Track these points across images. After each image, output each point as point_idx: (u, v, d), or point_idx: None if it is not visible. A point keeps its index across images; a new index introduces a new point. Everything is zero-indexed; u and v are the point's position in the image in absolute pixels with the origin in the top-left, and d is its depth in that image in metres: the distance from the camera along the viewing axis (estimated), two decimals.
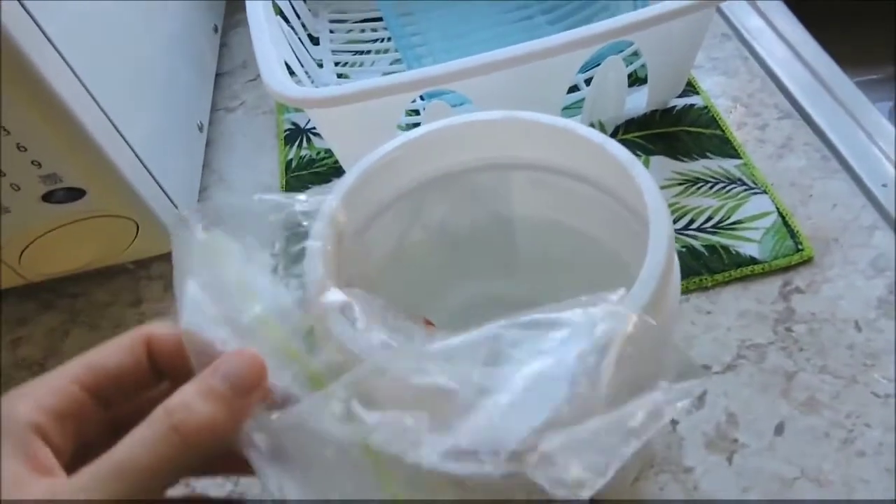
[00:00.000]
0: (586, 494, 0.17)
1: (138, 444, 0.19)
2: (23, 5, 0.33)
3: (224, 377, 0.20)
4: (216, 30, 0.62)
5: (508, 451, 0.17)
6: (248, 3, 0.46)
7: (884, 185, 0.44)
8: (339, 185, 0.26)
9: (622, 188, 0.25)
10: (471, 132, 0.28)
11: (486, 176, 0.30)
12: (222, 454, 0.20)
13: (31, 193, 0.38)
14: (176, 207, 0.45)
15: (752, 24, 0.56)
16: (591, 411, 0.18)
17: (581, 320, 0.20)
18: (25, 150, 0.36)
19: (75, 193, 0.39)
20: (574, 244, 0.31)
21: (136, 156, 0.41)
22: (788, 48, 0.53)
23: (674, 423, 0.37)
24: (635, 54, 0.52)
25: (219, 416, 0.20)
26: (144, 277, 0.48)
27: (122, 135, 0.40)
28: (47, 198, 0.39)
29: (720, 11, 0.57)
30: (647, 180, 0.24)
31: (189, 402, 0.20)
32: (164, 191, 0.44)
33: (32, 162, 0.37)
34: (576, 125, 0.27)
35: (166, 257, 0.47)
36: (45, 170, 0.38)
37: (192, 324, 0.21)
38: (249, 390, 0.20)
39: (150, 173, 0.42)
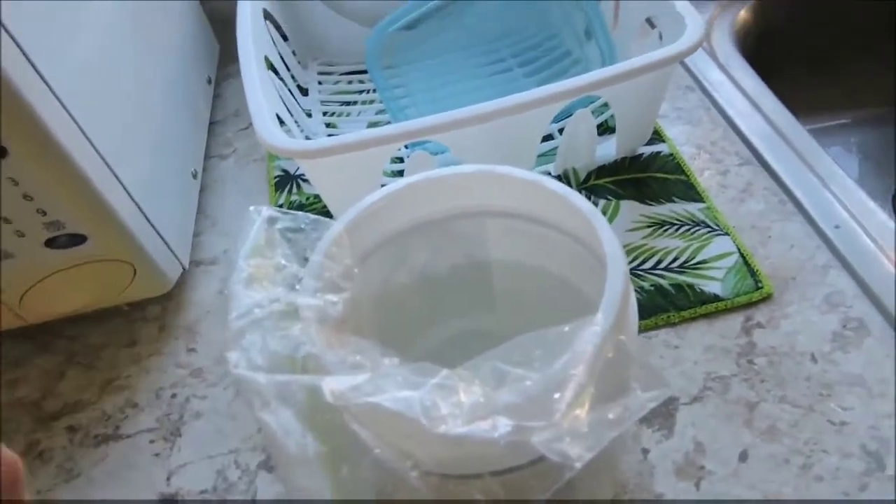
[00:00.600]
0: (578, 465, 0.20)
1: None
2: (27, 58, 0.35)
3: None
4: (209, 81, 0.65)
5: (515, 425, 0.20)
6: (241, 60, 0.49)
7: (836, 227, 0.47)
8: (327, 237, 0.28)
9: (585, 234, 0.28)
10: (450, 184, 0.31)
11: (464, 223, 0.33)
12: None
13: (35, 240, 0.41)
14: (171, 252, 0.47)
15: (713, 77, 0.60)
16: (575, 410, 0.21)
17: (561, 338, 0.23)
18: (32, 199, 0.39)
19: (77, 239, 0.41)
20: (544, 284, 0.34)
21: (135, 203, 0.43)
22: (747, 99, 0.57)
23: (645, 451, 0.39)
24: (605, 105, 0.56)
25: None
26: (139, 319, 0.50)
27: (121, 183, 0.42)
28: (50, 243, 0.41)
29: (684, 66, 0.61)
30: (604, 227, 0.27)
31: None
32: (160, 236, 0.46)
33: (37, 210, 0.39)
34: (544, 179, 0.29)
35: (161, 300, 0.50)
36: (49, 217, 0.40)
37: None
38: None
39: (148, 220, 0.45)
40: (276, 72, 0.56)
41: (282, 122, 0.49)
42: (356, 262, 0.29)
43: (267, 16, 0.58)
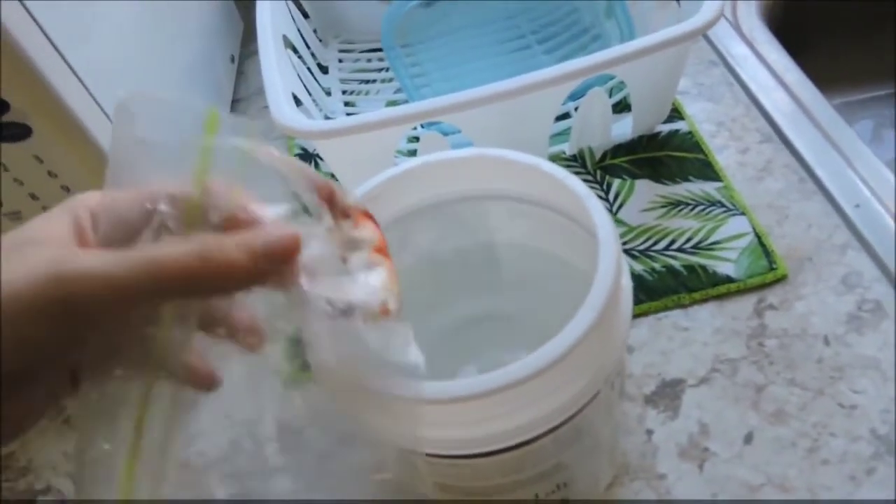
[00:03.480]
0: None
1: (165, 248, 0.21)
2: (49, 40, 0.36)
3: (264, 241, 0.22)
4: (233, 59, 0.66)
5: None
6: (259, 39, 0.50)
7: (857, 206, 0.46)
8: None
9: (581, 215, 0.28)
10: (448, 169, 0.31)
11: (465, 206, 0.33)
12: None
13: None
14: None
15: (737, 51, 0.58)
16: None
17: None
18: (56, 176, 0.40)
19: None
20: (546, 264, 0.34)
21: None
22: (771, 74, 0.56)
23: (649, 433, 0.40)
24: (623, 82, 0.55)
25: (241, 266, 0.21)
26: None
27: None
28: None
29: (707, 40, 0.60)
30: (598, 209, 0.27)
31: (224, 244, 0.21)
32: None
33: (61, 187, 0.41)
34: (540, 161, 0.30)
35: None
36: (72, 193, 0.41)
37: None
38: (279, 260, 0.22)
39: None
40: (295, 50, 0.56)
41: (299, 102, 0.50)
42: None
43: None
